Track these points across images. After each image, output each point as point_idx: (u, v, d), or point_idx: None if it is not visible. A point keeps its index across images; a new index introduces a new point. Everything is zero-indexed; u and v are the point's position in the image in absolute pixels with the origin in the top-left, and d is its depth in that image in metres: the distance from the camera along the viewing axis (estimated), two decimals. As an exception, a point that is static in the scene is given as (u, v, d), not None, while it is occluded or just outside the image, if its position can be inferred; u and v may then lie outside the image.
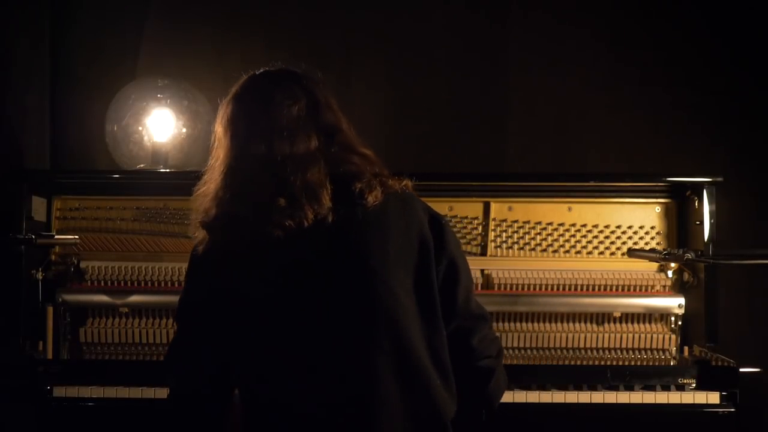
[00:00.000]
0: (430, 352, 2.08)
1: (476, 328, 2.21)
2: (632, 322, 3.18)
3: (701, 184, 3.10)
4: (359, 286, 2.06)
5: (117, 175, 3.33)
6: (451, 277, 2.19)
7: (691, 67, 3.78)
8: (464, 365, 2.16)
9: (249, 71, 2.27)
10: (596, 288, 3.18)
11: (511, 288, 3.19)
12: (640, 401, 2.84)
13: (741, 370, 2.85)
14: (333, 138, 2.17)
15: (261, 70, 2.27)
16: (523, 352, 3.16)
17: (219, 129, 2.21)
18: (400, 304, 2.07)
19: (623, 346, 3.16)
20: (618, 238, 3.27)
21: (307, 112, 2.16)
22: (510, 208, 3.28)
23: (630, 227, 3.27)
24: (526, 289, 3.19)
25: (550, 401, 2.82)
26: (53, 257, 3.17)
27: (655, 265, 3.21)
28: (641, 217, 3.28)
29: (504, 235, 3.27)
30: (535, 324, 3.18)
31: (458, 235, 3.26)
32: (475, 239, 3.27)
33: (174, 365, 2.17)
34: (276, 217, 2.05)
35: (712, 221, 3.08)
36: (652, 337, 3.16)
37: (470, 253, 3.26)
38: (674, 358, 3.13)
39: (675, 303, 3.15)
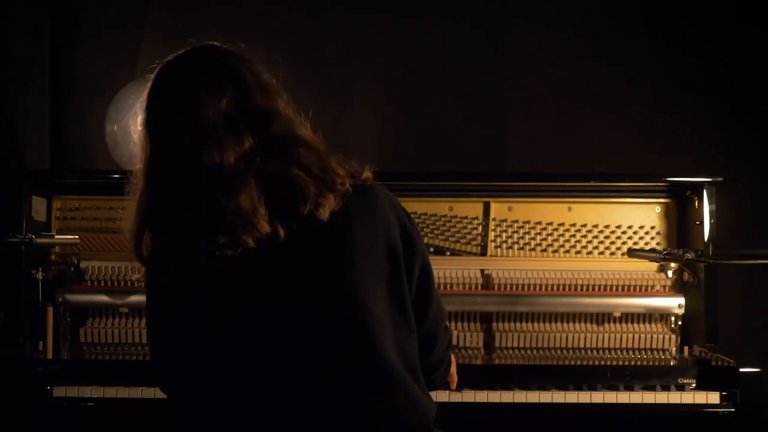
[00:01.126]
0: (403, 360, 1.96)
1: (440, 331, 2.14)
2: (632, 322, 3.18)
3: (701, 184, 3.10)
4: (328, 302, 1.91)
5: (117, 175, 3.32)
6: (426, 285, 2.07)
7: (691, 67, 3.77)
8: (420, 361, 2.05)
9: (162, 60, 2.04)
10: (596, 288, 3.18)
11: (511, 288, 3.19)
12: (640, 401, 2.84)
13: (741, 370, 2.85)
14: (269, 128, 1.94)
15: (176, 56, 2.03)
16: (523, 352, 3.16)
17: (140, 134, 2.02)
18: (373, 317, 1.92)
19: (623, 346, 3.16)
20: (618, 238, 3.27)
21: (236, 103, 1.93)
22: (510, 208, 3.28)
23: (630, 227, 3.27)
24: (526, 289, 3.19)
25: (550, 401, 2.82)
26: (53, 257, 3.18)
27: (655, 265, 3.21)
28: (641, 217, 3.28)
29: (504, 235, 3.27)
30: (535, 324, 3.18)
31: (458, 235, 3.26)
32: (475, 239, 3.27)
33: (158, 373, 2.05)
34: (217, 250, 1.87)
35: (712, 221, 3.08)
36: (652, 337, 3.16)
37: (470, 253, 3.26)
38: (674, 358, 3.13)
39: (675, 303, 3.15)
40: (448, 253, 3.24)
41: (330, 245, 1.94)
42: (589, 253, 3.27)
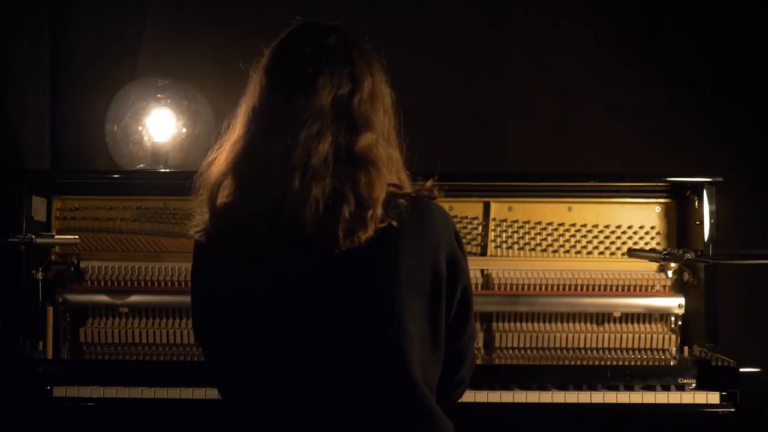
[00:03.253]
0: (426, 381, 1.96)
1: (469, 354, 2.13)
2: (632, 322, 3.18)
3: (701, 184, 3.10)
4: (364, 313, 1.92)
5: (117, 175, 3.33)
6: (465, 308, 2.07)
7: (691, 67, 3.78)
8: (443, 378, 2.06)
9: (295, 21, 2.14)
10: (596, 288, 3.18)
11: (511, 288, 3.19)
12: (640, 401, 2.83)
13: (741, 370, 2.85)
14: (357, 138, 1.97)
15: (319, 26, 2.13)
16: (523, 352, 3.16)
17: (256, 75, 2.05)
18: (406, 333, 1.93)
19: (623, 346, 3.16)
20: (618, 238, 3.27)
21: (347, 100, 1.99)
22: (510, 208, 3.28)
23: (630, 227, 3.27)
24: (526, 289, 3.19)
25: (550, 401, 2.82)
26: (53, 257, 3.17)
27: (655, 265, 3.21)
28: (641, 217, 3.28)
29: (504, 235, 3.27)
30: (535, 324, 3.18)
31: (458, 235, 3.26)
32: (475, 239, 3.27)
33: (214, 379, 2.06)
34: (274, 234, 1.91)
35: (712, 221, 3.08)
36: (652, 337, 3.16)
37: (470, 253, 3.25)
38: (674, 358, 3.13)
39: (675, 303, 3.15)
40: (448, 253, 3.24)
41: (375, 257, 1.93)
42: (589, 253, 3.27)
